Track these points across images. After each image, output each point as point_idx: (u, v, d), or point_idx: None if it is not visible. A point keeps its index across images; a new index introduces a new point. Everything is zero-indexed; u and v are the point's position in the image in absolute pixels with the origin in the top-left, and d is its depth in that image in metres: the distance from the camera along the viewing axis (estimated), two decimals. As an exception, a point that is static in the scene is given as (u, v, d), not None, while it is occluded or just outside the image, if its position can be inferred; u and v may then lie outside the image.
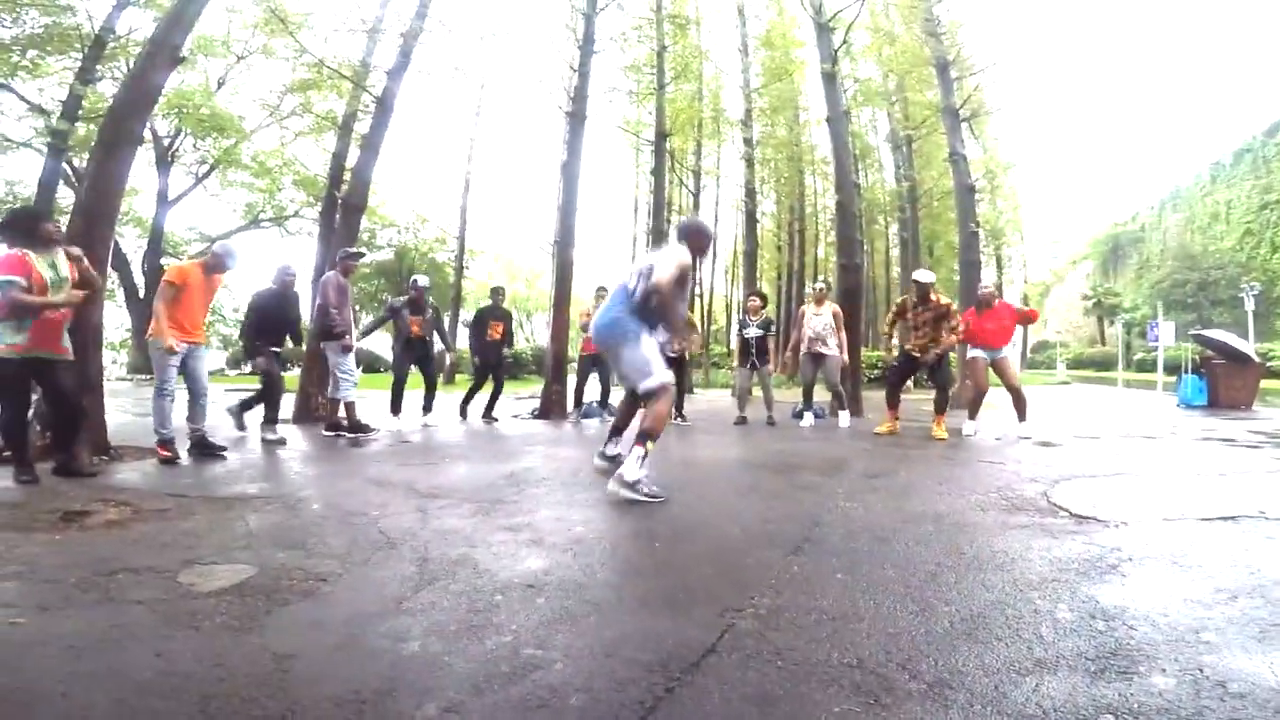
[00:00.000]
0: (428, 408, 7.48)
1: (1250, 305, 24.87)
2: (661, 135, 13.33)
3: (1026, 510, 3.13)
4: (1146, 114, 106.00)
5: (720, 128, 22.20)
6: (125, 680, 1.51)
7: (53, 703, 1.41)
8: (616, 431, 3.93)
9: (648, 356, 3.54)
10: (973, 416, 6.54)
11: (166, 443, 4.65)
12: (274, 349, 6.07)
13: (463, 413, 8.09)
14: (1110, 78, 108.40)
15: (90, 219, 4.91)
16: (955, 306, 6.53)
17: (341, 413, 6.19)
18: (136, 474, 4.20)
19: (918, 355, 6.49)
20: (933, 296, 6.43)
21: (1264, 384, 12.75)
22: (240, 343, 6.19)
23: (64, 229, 4.35)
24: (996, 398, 7.14)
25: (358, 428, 6.09)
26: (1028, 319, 6.52)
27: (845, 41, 11.23)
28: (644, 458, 3.40)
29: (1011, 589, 2.05)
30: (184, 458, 4.72)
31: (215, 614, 1.89)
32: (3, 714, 1.37)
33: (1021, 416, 6.34)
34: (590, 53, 9.51)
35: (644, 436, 3.43)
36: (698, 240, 3.85)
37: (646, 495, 3.34)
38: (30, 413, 4.08)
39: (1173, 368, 15.42)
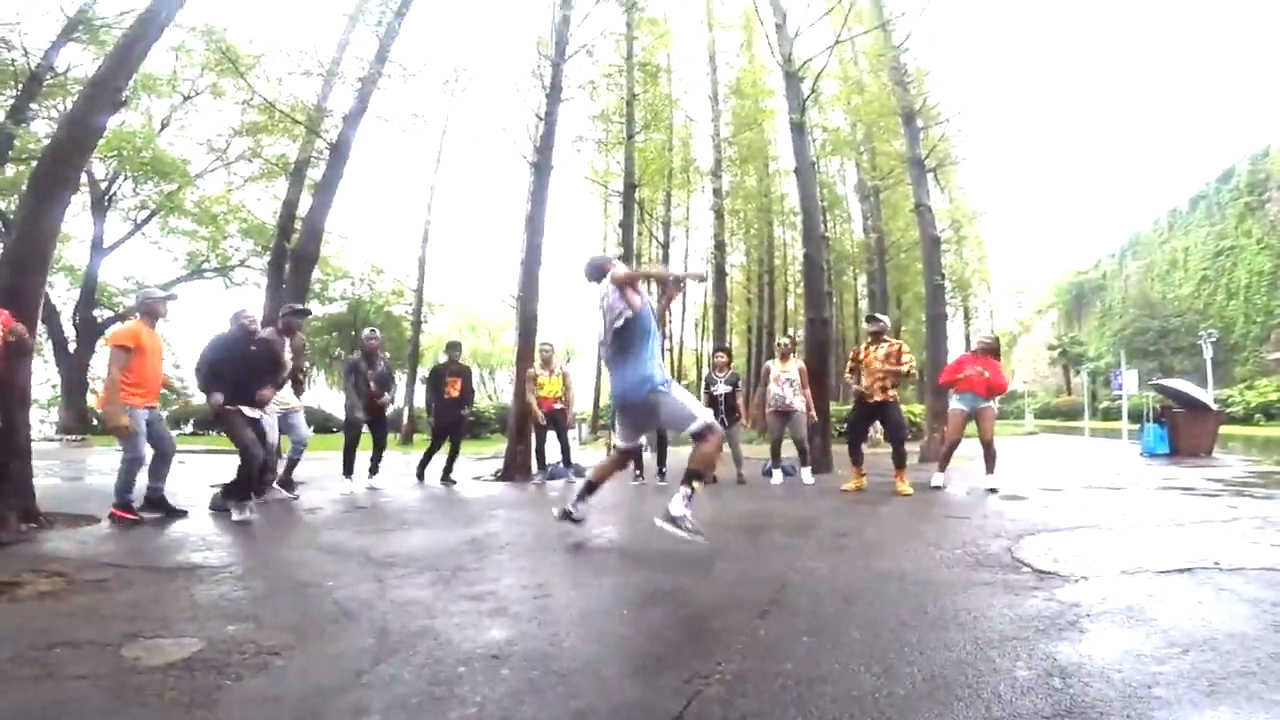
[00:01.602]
0: (374, 469, 7.37)
1: (1208, 353, 26.14)
2: (630, 186, 13.68)
3: (990, 566, 3.27)
4: (1108, 161, 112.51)
5: (690, 177, 22.87)
6: None
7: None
8: (590, 489, 4.02)
9: (684, 401, 3.77)
10: (942, 468, 6.76)
11: (127, 506, 4.72)
12: (247, 407, 5.26)
13: (420, 475, 8.01)
14: (1072, 126, 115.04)
15: (19, 268, 4.84)
16: (907, 348, 6.80)
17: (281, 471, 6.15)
18: (70, 542, 4.09)
19: (870, 399, 6.59)
20: (886, 337, 6.72)
21: (1223, 430, 13.37)
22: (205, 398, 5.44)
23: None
24: (968, 449, 7.37)
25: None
26: (994, 390, 6.77)
27: (814, 91, 11.75)
28: (690, 496, 3.57)
29: (973, 648, 2.16)
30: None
31: (164, 689, 1.88)
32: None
33: (990, 469, 6.56)
34: (558, 100, 9.79)
35: (692, 476, 3.61)
36: (602, 271, 4.04)
37: (689, 532, 3.49)
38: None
39: (1136, 416, 16.05)
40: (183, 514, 5.04)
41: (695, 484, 3.64)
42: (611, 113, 14.65)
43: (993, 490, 6.23)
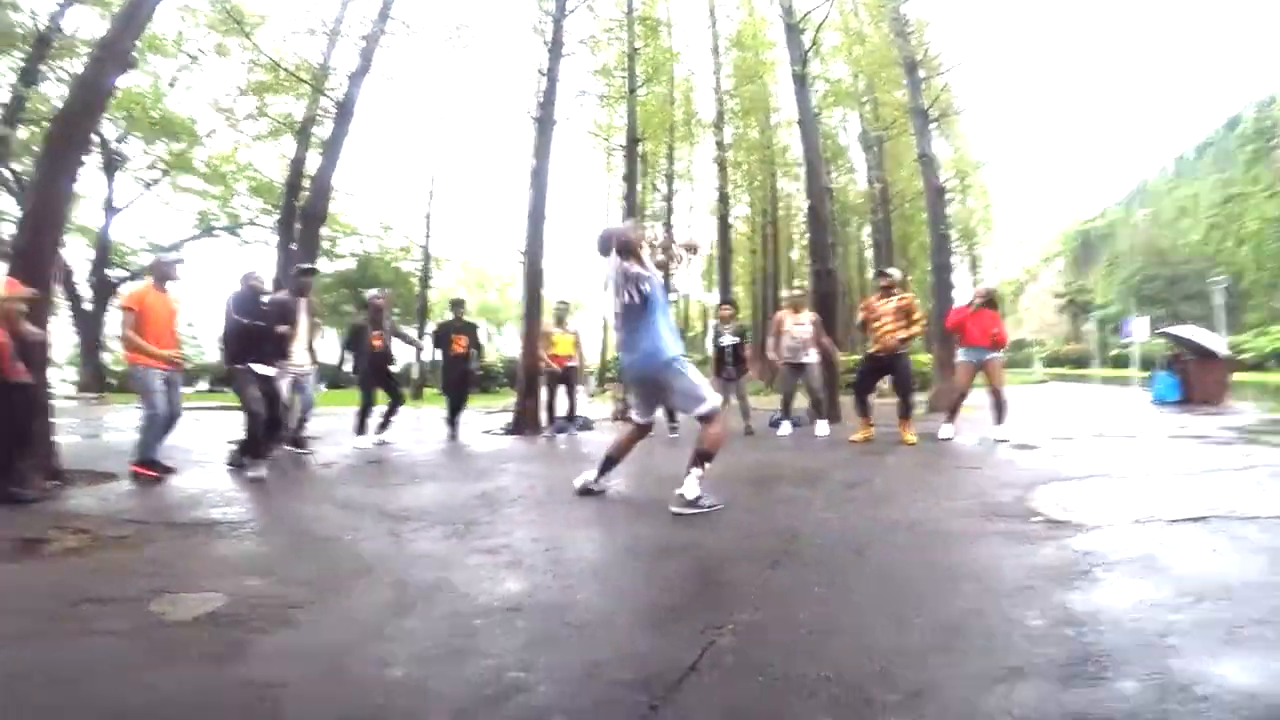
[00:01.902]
0: (385, 425, 7.33)
1: (1220, 299, 25.71)
2: (633, 140, 13.41)
3: (1002, 516, 3.25)
4: (1112, 108, 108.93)
5: (693, 130, 22.46)
6: (115, 712, 1.53)
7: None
8: (610, 464, 4.03)
9: (696, 382, 3.74)
10: (950, 420, 6.71)
11: (148, 463, 4.77)
12: (259, 364, 5.14)
13: (452, 430, 7.95)
14: (1075, 72, 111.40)
15: (37, 230, 4.80)
16: (918, 302, 6.73)
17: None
18: (92, 499, 4.12)
19: (881, 354, 6.56)
20: (896, 290, 6.65)
21: (1236, 377, 13.23)
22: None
23: (6, 241, 4.30)
24: (977, 399, 7.34)
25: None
26: (998, 344, 6.69)
27: (815, 42, 11.43)
28: (701, 477, 3.55)
29: (986, 597, 2.15)
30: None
31: (194, 644, 1.90)
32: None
33: (999, 419, 6.50)
34: (559, 56, 9.54)
35: (702, 458, 3.60)
36: (618, 243, 3.86)
37: (708, 507, 3.47)
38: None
39: (1148, 363, 15.89)
40: (169, 469, 5.02)
41: (706, 465, 3.62)
42: (613, 67, 14.33)
43: (1003, 440, 6.19)
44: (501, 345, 42.56)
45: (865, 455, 5.72)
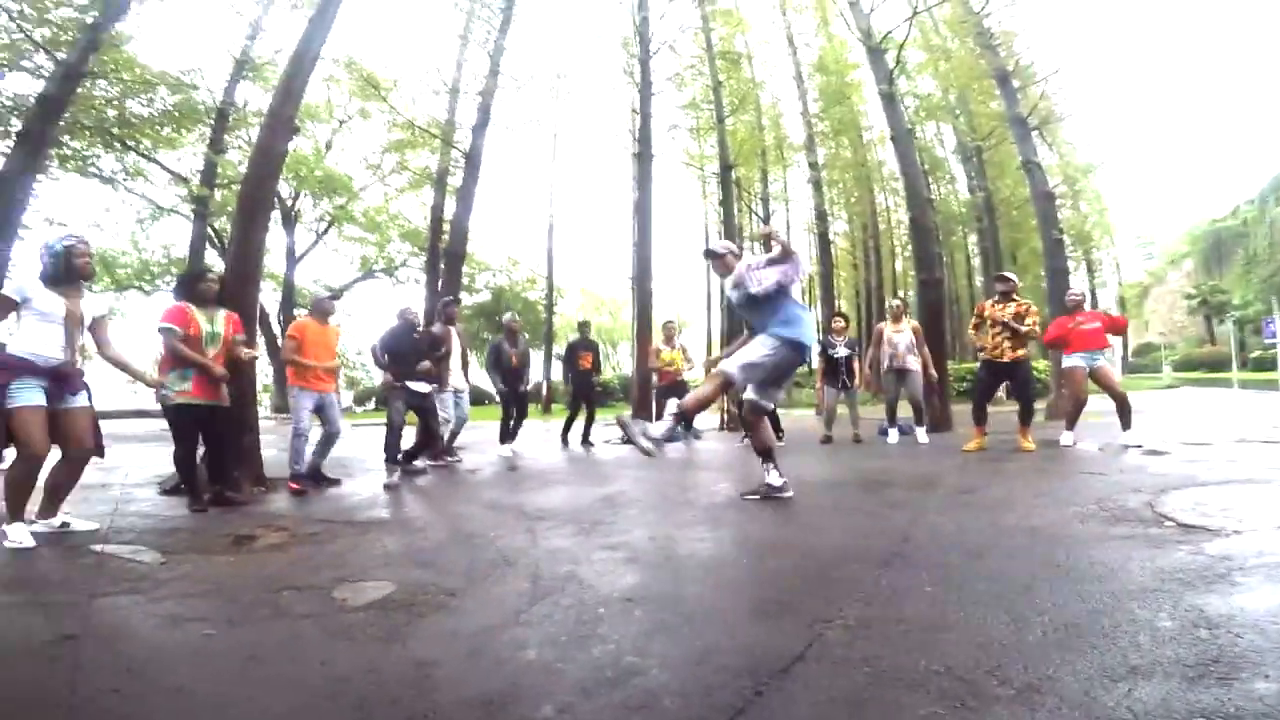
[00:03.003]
0: (513, 436, 7.60)
1: (1380, 296, 22.09)
2: (726, 167, 13.41)
3: (1128, 521, 2.95)
4: (1238, 101, 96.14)
5: (784, 154, 22.15)
6: (298, 686, 1.68)
7: (241, 705, 1.59)
8: (768, 455, 4.04)
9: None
10: (1070, 427, 6.14)
11: (299, 478, 4.98)
12: (411, 384, 5.51)
13: (564, 440, 8.33)
14: (1195, 65, 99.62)
15: (239, 281, 5.30)
16: (1035, 308, 6.22)
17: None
18: (288, 503, 4.57)
19: (997, 360, 6.10)
20: (1015, 296, 6.18)
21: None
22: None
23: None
24: (1100, 405, 6.70)
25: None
26: (1117, 327, 6.13)
27: (899, 61, 11.02)
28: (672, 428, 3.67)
29: (1109, 599, 1.97)
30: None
31: (366, 626, 2.06)
32: (203, 714, 1.57)
33: (1126, 424, 5.88)
34: (649, 95, 9.88)
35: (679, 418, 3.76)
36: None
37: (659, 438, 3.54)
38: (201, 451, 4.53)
39: (1295, 365, 13.88)
40: (336, 481, 5.35)
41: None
42: (700, 101, 14.44)
43: (1135, 446, 5.54)
44: (615, 363, 43.36)
45: (980, 462, 5.37)
